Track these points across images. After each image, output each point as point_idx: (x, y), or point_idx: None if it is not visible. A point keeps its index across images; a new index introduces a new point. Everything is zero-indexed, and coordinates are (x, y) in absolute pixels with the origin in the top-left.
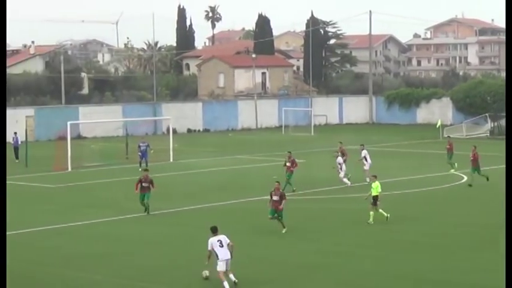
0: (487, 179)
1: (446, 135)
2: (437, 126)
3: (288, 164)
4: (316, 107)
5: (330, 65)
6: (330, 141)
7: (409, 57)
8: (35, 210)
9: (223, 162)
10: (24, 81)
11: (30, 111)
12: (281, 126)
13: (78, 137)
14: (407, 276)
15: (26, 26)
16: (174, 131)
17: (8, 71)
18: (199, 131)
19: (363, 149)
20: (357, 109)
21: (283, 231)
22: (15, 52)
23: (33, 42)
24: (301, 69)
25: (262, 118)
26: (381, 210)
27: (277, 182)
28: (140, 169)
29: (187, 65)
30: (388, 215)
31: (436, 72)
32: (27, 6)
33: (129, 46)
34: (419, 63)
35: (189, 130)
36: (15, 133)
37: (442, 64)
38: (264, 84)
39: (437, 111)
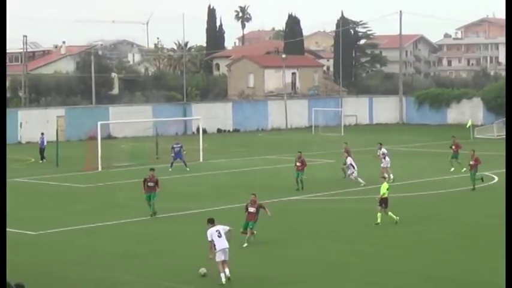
0: (482, 180)
1: (452, 136)
2: (468, 126)
3: (298, 163)
4: (346, 107)
5: (359, 65)
6: (360, 141)
7: (440, 57)
8: (66, 210)
9: (252, 163)
10: (55, 81)
11: (61, 111)
12: (311, 127)
13: (108, 137)
14: (438, 276)
15: (57, 27)
16: (204, 131)
17: (39, 71)
18: (229, 131)
19: (380, 148)
20: (387, 109)
21: (249, 240)
22: (46, 52)
23: (64, 42)
24: (331, 69)
25: (292, 118)
26: (390, 213)
27: (254, 194)
28: (170, 169)
29: (217, 65)
30: (397, 218)
31: (466, 72)
32: (58, 7)
33: (159, 46)
34: (449, 63)
35: (219, 130)
36: (42, 134)
37: (472, 64)
38: (294, 84)
39: (468, 112)
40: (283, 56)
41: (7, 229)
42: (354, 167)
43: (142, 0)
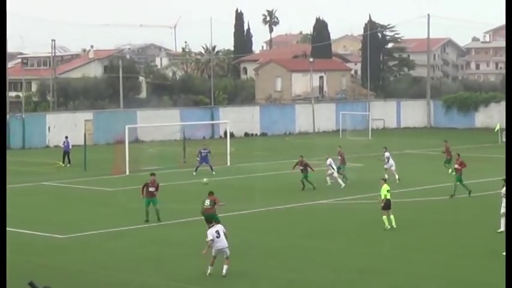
0: (469, 194)
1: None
2: (496, 130)
3: (301, 167)
4: (374, 111)
5: (387, 68)
6: (387, 145)
7: (468, 61)
8: (94, 213)
9: (280, 167)
10: (83, 85)
11: (89, 115)
12: (338, 131)
13: (136, 141)
14: (465, 281)
15: (85, 31)
16: (232, 135)
17: (67, 75)
18: (256, 135)
19: (385, 151)
20: (414, 113)
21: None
22: (75, 56)
23: (92, 46)
24: (359, 73)
25: (319, 122)
26: (392, 217)
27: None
28: (194, 173)
29: (245, 69)
30: (392, 226)
31: (494, 76)
32: (86, 11)
33: (187, 50)
34: (477, 66)
35: (246, 134)
36: (66, 137)
37: (501, 68)
38: (321, 88)
39: (496, 115)
40: (311, 59)
41: (36, 232)
42: (333, 168)
43: (170, 5)
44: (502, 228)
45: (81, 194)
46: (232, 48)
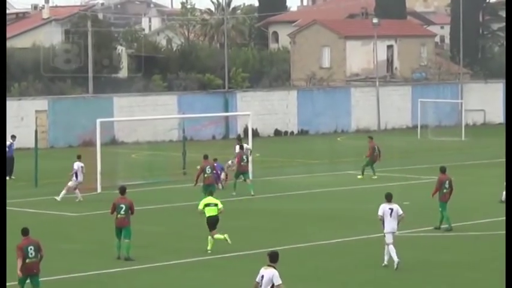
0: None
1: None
2: None
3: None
4: (470, 98)
5: (490, 34)
6: (490, 149)
7: None
8: (50, 250)
9: (329, 181)
10: (34, 59)
11: (42, 103)
12: (416, 127)
13: (112, 143)
14: None
15: None
16: (256, 134)
17: (10, 44)
18: (292, 133)
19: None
20: None
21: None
22: (22, 16)
23: (47, 1)
24: (447, 40)
25: (387, 114)
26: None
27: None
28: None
29: (275, 35)
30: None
31: None
32: None
33: (189, 7)
34: None
35: (277, 132)
36: (13, 137)
37: None
38: (390, 63)
39: None
40: (375, 20)
41: None
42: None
43: None
44: None
45: (30, 221)
46: (257, 4)
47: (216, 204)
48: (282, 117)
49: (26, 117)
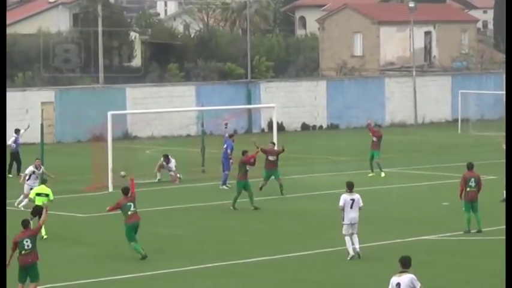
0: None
1: None
2: None
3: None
4: None
5: None
6: None
7: None
8: (58, 255)
9: (362, 180)
10: (40, 46)
11: (48, 94)
12: (456, 121)
13: (124, 137)
14: None
15: None
16: (281, 128)
17: (13, 29)
18: (321, 127)
19: None
20: None
21: None
22: (25, 0)
23: None
24: (490, 26)
25: (424, 107)
26: None
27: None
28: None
29: (303, 20)
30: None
31: None
32: None
33: None
34: None
35: (305, 126)
36: (18, 131)
37: None
38: (428, 51)
39: None
40: (411, 4)
41: None
42: None
43: None
44: None
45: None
46: None
47: (47, 195)
48: (309, 110)
49: (31, 110)
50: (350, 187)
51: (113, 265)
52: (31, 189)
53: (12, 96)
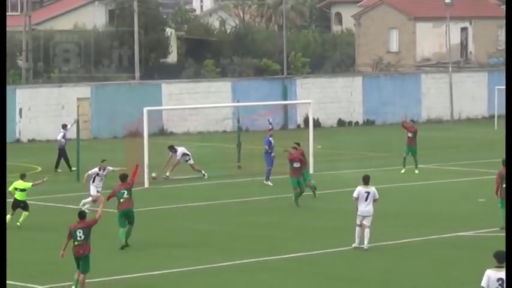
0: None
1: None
2: None
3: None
4: None
5: None
6: None
7: None
8: (99, 251)
9: (398, 176)
10: (76, 42)
11: (84, 90)
12: (493, 117)
13: (160, 133)
14: None
15: None
16: (317, 124)
17: (49, 25)
18: (357, 123)
19: None
20: None
21: None
22: None
23: None
24: None
25: (461, 103)
26: None
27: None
28: (269, 182)
29: (339, 16)
30: None
31: None
32: None
33: None
34: None
35: (341, 122)
36: (65, 127)
37: None
38: (465, 47)
39: None
40: (448, 0)
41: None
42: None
43: None
44: None
45: (73, 218)
46: None
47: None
48: (345, 106)
49: (67, 106)
50: (366, 181)
51: (148, 261)
52: (98, 191)
53: (49, 92)
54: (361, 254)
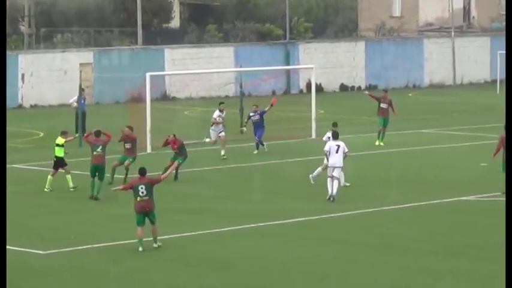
0: None
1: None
2: None
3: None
4: None
5: None
6: None
7: None
8: (98, 215)
9: (400, 140)
10: (78, 7)
11: (86, 55)
12: (495, 82)
13: (163, 98)
14: None
15: None
16: (319, 89)
17: None
18: (359, 88)
19: None
20: None
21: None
22: None
23: None
24: None
25: (463, 68)
26: None
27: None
28: (256, 151)
29: None
30: None
31: None
32: None
33: None
34: None
35: (343, 87)
36: (83, 90)
37: None
38: (467, 12)
39: None
40: None
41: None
42: None
43: None
44: None
45: (75, 184)
46: None
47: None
48: (348, 71)
49: (69, 71)
50: (335, 136)
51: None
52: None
53: (51, 58)
54: (364, 218)
